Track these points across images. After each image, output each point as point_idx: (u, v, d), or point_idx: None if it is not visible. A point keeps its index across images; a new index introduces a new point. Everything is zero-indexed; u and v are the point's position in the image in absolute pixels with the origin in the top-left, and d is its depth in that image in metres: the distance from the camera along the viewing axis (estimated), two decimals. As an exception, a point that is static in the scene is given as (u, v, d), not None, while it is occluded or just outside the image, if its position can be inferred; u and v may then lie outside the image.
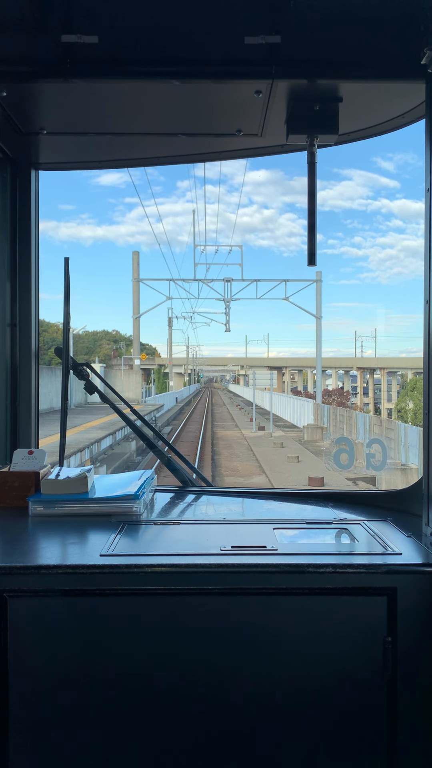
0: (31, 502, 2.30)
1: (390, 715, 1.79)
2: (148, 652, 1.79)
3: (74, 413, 23.88)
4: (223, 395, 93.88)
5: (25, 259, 2.83)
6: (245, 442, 26.61)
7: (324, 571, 1.79)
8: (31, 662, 1.77)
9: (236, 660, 1.79)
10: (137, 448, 21.64)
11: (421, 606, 1.80)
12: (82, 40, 2.02)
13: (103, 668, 1.78)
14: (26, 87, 2.17)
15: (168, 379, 68.83)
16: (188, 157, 2.81)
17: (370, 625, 1.79)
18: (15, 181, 2.81)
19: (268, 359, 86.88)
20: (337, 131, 2.30)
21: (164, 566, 1.80)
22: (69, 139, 2.62)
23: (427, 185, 2.04)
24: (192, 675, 1.79)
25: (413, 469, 17.46)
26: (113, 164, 2.87)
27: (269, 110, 2.30)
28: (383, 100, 2.29)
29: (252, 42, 2.02)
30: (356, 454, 15.88)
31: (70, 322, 2.91)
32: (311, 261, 2.40)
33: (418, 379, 46.16)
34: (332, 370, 75.75)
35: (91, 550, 1.91)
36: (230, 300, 36.51)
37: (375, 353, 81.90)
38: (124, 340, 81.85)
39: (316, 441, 27.18)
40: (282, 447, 23.87)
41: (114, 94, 2.24)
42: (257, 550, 1.91)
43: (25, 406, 2.84)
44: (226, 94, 2.22)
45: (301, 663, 1.80)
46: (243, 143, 2.63)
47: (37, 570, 1.77)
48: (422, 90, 2.09)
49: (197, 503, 2.61)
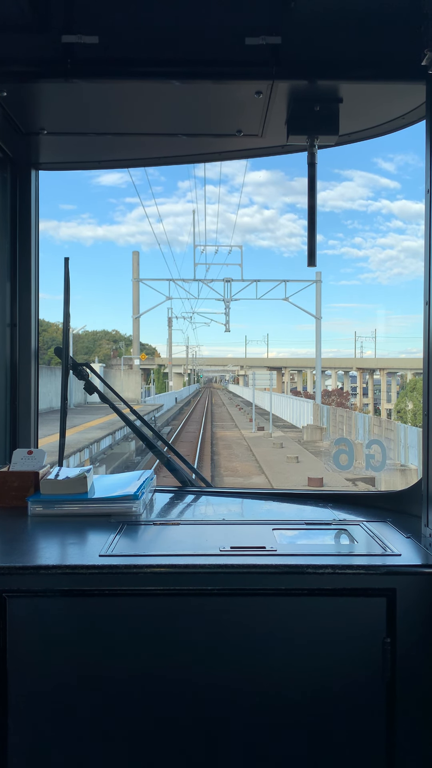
0: (31, 502, 2.30)
1: (389, 715, 1.79)
2: (147, 653, 1.79)
3: (74, 413, 23.88)
4: (222, 395, 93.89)
5: (25, 259, 2.83)
6: (245, 443, 26.60)
7: (323, 572, 1.79)
8: (30, 662, 1.77)
9: (235, 661, 1.79)
10: (137, 448, 21.64)
11: (420, 607, 1.80)
12: (82, 41, 2.02)
13: (102, 668, 1.78)
14: (26, 87, 2.17)
15: (167, 379, 68.81)
16: (188, 157, 2.81)
17: (369, 626, 1.79)
18: (15, 181, 2.81)
19: (267, 359, 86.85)
20: (337, 132, 2.30)
21: (163, 567, 1.80)
22: (69, 139, 2.62)
23: (427, 186, 2.04)
24: (191, 675, 1.79)
25: (413, 470, 17.47)
26: (113, 164, 2.87)
27: (269, 111, 2.30)
28: (383, 101, 2.29)
29: (252, 43, 2.02)
30: (356, 454, 15.88)
31: (69, 322, 2.91)
32: (311, 262, 2.40)
33: (417, 380, 46.18)
34: (332, 371, 75.74)
35: (90, 550, 1.91)
36: (230, 300, 36.52)
37: (375, 354, 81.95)
38: (123, 340, 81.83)
39: (316, 441, 27.17)
40: (281, 447, 23.86)
41: (114, 94, 2.24)
42: (256, 550, 1.91)
43: (25, 406, 2.84)
44: (227, 94, 2.22)
45: (300, 664, 1.80)
46: (243, 144, 2.63)
47: (36, 570, 1.77)
48: (422, 91, 2.09)
49: (196, 504, 2.61)
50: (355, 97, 2.23)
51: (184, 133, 2.54)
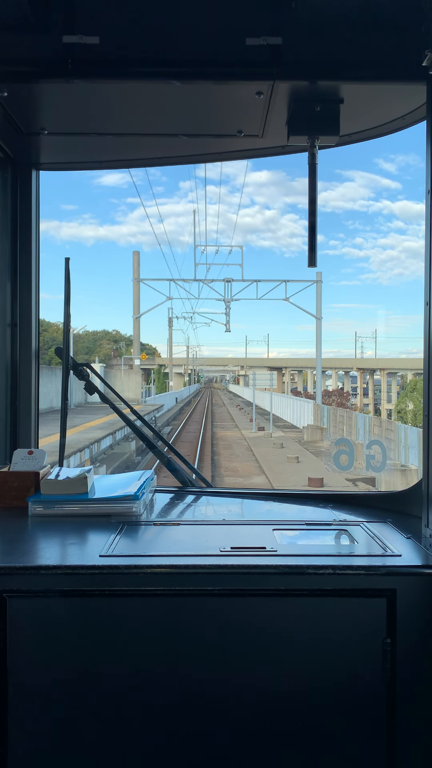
0: (31, 502, 2.30)
1: (389, 716, 1.79)
2: (147, 653, 1.79)
3: (74, 413, 23.89)
4: (222, 395, 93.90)
5: (26, 259, 2.83)
6: (245, 443, 26.60)
7: (323, 572, 1.79)
8: (30, 663, 1.77)
9: (235, 661, 1.79)
10: (137, 448, 21.64)
11: (420, 608, 1.80)
12: (83, 41, 2.02)
13: (102, 669, 1.78)
14: (27, 87, 2.17)
15: (168, 379, 68.83)
16: (189, 157, 2.81)
17: (369, 626, 1.79)
18: (15, 181, 2.81)
19: (268, 359, 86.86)
20: (338, 133, 2.30)
21: (164, 567, 1.80)
22: (70, 140, 2.62)
23: (427, 187, 2.04)
24: (191, 676, 1.79)
25: (413, 470, 17.47)
26: (114, 165, 2.87)
27: (270, 111, 2.30)
28: (384, 102, 2.29)
29: (253, 43, 2.02)
30: (356, 455, 15.87)
31: (70, 323, 2.92)
32: (311, 262, 2.40)
33: (417, 380, 46.17)
34: (332, 371, 75.72)
35: (90, 550, 1.91)
36: (230, 300, 36.52)
37: (375, 354, 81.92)
38: (124, 340, 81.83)
39: (316, 441, 27.17)
40: (282, 447, 23.86)
41: (115, 94, 2.24)
42: (257, 551, 1.91)
43: (25, 406, 2.84)
44: (227, 95, 2.22)
45: (300, 664, 1.80)
46: (244, 144, 2.63)
47: (36, 570, 1.77)
48: (423, 92, 2.09)
49: (197, 504, 2.61)
50: (356, 98, 2.23)
51: (185, 134, 2.54)
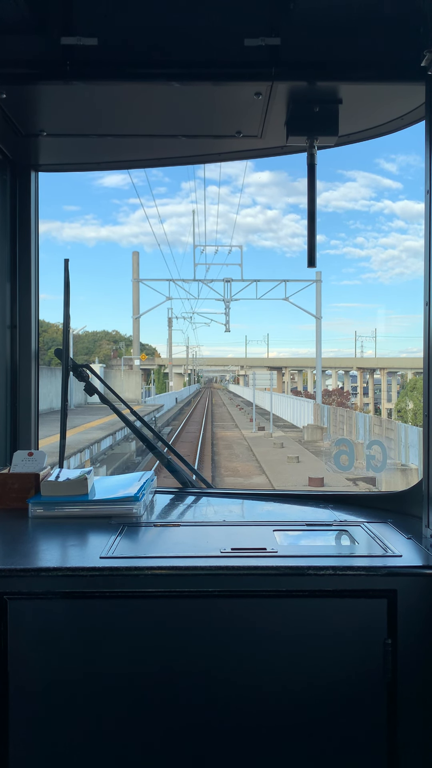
0: (31, 504, 2.30)
1: (390, 717, 1.79)
2: (148, 655, 1.79)
3: (74, 413, 23.89)
4: (222, 395, 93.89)
5: (25, 261, 2.84)
6: (245, 443, 26.60)
7: (324, 573, 1.79)
8: (31, 664, 1.77)
9: (236, 662, 1.79)
10: (137, 449, 21.65)
11: (421, 608, 1.80)
12: (81, 42, 2.02)
13: (103, 671, 1.78)
14: (26, 89, 2.17)
15: (168, 379, 68.85)
16: (188, 158, 2.81)
17: (370, 627, 1.79)
18: (15, 183, 2.81)
19: (268, 359, 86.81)
20: (336, 133, 2.31)
21: (164, 568, 1.80)
22: (69, 141, 2.62)
23: (427, 187, 2.04)
24: (191, 677, 1.79)
25: (413, 470, 17.47)
26: (113, 166, 2.87)
27: (269, 112, 2.30)
28: (383, 102, 2.29)
29: (252, 44, 2.02)
30: (356, 454, 15.87)
31: (70, 324, 2.92)
32: (311, 263, 2.40)
33: (417, 380, 46.15)
34: (332, 371, 75.71)
35: (91, 552, 1.91)
36: (230, 300, 36.50)
37: (375, 353, 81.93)
38: (124, 340, 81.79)
39: (316, 441, 27.16)
40: (282, 447, 23.86)
41: (114, 95, 2.24)
42: (257, 552, 1.91)
43: (25, 408, 2.84)
44: (226, 95, 2.22)
45: (301, 665, 1.80)
46: (243, 145, 2.63)
47: (37, 572, 1.77)
48: (422, 92, 2.09)
49: (197, 505, 2.60)
50: (355, 98, 2.23)
51: (184, 135, 2.54)
